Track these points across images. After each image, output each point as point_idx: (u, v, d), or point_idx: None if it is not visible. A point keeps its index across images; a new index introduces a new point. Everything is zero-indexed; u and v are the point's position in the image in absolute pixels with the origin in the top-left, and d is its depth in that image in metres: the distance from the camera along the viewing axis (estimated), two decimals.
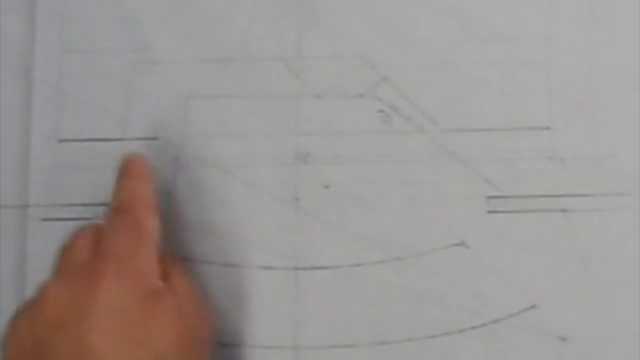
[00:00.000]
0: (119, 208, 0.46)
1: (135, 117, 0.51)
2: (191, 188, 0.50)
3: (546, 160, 0.49)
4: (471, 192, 0.49)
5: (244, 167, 0.50)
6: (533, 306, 0.48)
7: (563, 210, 0.48)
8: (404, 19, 0.50)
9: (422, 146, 0.49)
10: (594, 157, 0.48)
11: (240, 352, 0.49)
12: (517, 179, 0.49)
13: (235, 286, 0.50)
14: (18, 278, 0.50)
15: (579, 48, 0.49)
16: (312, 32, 0.51)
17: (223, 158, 0.50)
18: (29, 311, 0.43)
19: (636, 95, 0.49)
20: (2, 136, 0.51)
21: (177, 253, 0.50)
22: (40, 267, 0.50)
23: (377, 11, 0.50)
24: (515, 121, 0.49)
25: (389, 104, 0.50)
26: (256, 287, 0.49)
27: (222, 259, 0.50)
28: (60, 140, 0.51)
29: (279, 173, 0.50)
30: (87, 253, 0.45)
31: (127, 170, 0.47)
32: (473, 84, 0.50)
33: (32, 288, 0.45)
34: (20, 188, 0.51)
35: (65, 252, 0.45)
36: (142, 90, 0.51)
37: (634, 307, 0.47)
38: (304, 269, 0.49)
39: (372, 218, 0.49)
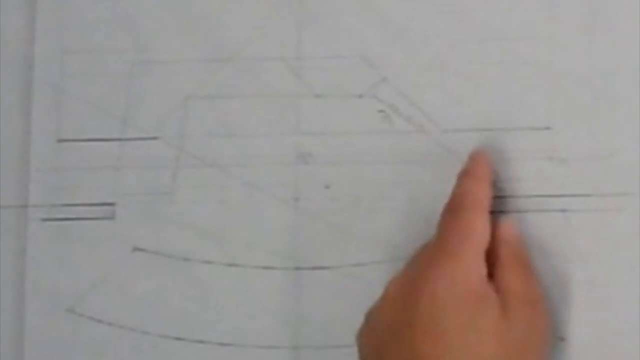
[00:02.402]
0: (451, 209, 0.46)
1: (135, 117, 0.51)
2: (191, 188, 0.50)
3: (546, 160, 0.49)
4: None
5: (244, 167, 0.50)
6: None
7: (563, 210, 0.48)
8: (404, 19, 0.50)
9: (422, 146, 0.49)
10: (594, 157, 0.48)
11: (240, 352, 0.49)
12: (517, 179, 0.49)
13: (235, 286, 0.50)
14: (18, 278, 0.50)
15: (579, 48, 0.49)
16: (312, 32, 0.51)
17: (223, 158, 0.50)
18: (374, 311, 0.45)
19: (636, 95, 0.49)
20: (2, 136, 0.51)
21: (177, 253, 0.50)
22: (40, 267, 0.50)
23: (377, 11, 0.50)
24: (515, 121, 0.49)
25: (389, 104, 0.50)
26: (256, 287, 0.49)
27: (222, 259, 0.50)
28: (60, 140, 0.51)
29: (279, 173, 0.50)
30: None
31: (465, 169, 0.47)
32: (473, 84, 0.50)
33: (32, 288, 0.45)
34: (20, 188, 0.51)
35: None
36: (142, 90, 0.51)
37: (634, 307, 0.47)
38: (304, 269, 0.49)
39: (372, 218, 0.49)
